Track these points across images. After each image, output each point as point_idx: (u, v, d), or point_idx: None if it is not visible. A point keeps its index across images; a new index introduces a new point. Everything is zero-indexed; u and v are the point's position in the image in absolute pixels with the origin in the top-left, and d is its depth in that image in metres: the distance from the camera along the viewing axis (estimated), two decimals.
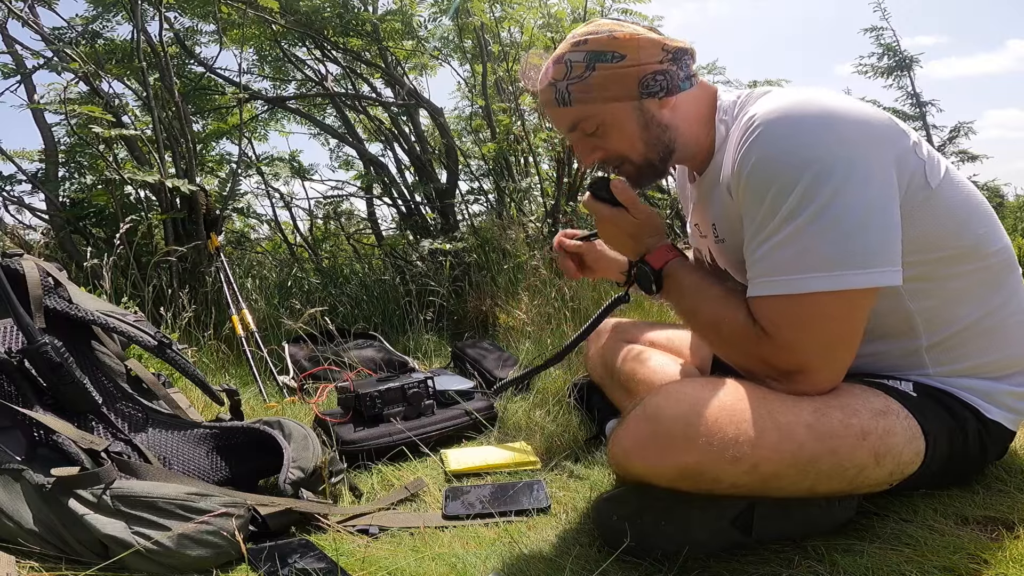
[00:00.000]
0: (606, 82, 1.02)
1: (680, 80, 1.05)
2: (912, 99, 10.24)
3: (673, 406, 0.91)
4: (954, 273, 0.99)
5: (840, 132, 0.89)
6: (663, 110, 1.05)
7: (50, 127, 2.98)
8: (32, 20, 2.81)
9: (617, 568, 0.94)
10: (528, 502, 1.18)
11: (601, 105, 1.04)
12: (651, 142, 1.06)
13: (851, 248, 0.87)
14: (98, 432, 1.22)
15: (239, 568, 1.00)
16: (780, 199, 0.89)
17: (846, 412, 0.93)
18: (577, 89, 1.04)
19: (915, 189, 0.94)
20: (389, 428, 1.55)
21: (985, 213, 1.03)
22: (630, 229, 1.10)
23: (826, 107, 0.91)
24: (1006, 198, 9.63)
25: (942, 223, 0.97)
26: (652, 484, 0.95)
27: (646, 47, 1.02)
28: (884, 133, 0.93)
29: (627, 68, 1.02)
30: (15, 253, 1.31)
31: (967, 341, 1.02)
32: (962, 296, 1.01)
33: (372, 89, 3.99)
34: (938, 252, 0.98)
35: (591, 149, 1.10)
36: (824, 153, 0.88)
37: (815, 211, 0.87)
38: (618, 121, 1.05)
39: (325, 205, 4.74)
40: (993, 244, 1.01)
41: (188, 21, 3.40)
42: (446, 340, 2.81)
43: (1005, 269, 1.03)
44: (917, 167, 0.95)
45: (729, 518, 0.96)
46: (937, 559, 0.88)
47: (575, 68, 1.03)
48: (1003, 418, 1.03)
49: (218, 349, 2.34)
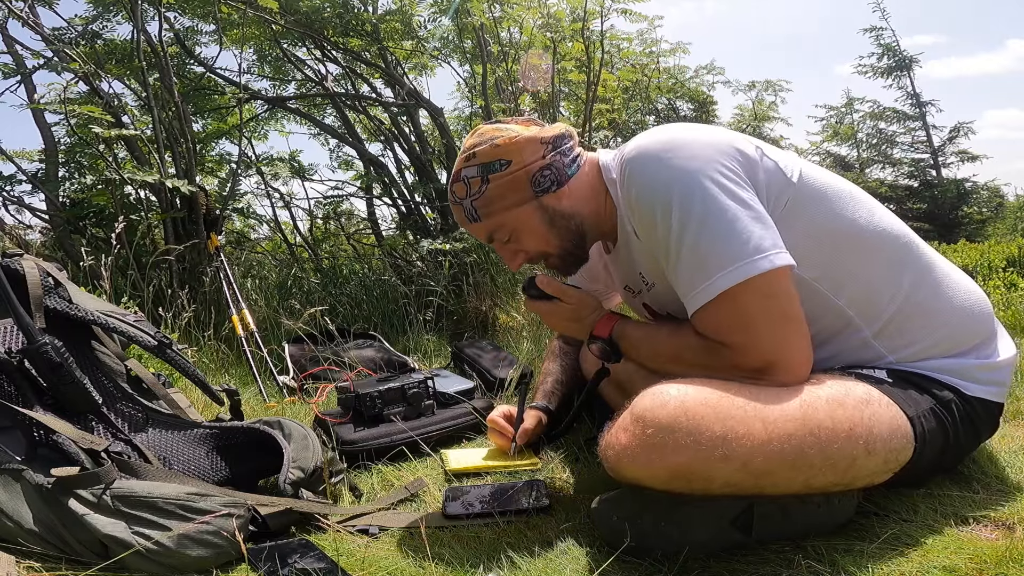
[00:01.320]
0: (502, 191, 1.10)
1: (567, 167, 1.13)
2: (912, 99, 10.24)
3: (659, 408, 0.92)
4: (857, 260, 1.06)
5: (687, 152, 1.00)
6: (562, 201, 1.12)
7: (50, 127, 2.98)
8: (32, 20, 2.81)
9: (617, 568, 0.94)
10: (528, 502, 1.18)
11: (505, 214, 1.12)
12: (562, 234, 1.15)
13: (739, 242, 0.95)
14: (98, 432, 1.22)
15: (239, 568, 1.00)
16: (665, 222, 0.99)
17: (831, 404, 0.95)
18: (480, 204, 1.12)
19: (779, 188, 1.02)
20: (389, 428, 1.55)
21: (857, 199, 1.09)
22: (569, 315, 1.20)
23: (673, 136, 1.03)
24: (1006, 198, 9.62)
25: (819, 212, 1.05)
26: (646, 486, 0.95)
27: (527, 146, 1.10)
28: (727, 147, 1.02)
29: (515, 173, 1.10)
30: (15, 253, 1.31)
31: (905, 323, 1.07)
32: (877, 281, 1.06)
33: (372, 89, 3.99)
34: (827, 242, 1.05)
35: (513, 254, 1.19)
36: (679, 173, 0.98)
37: (697, 222, 0.96)
38: (525, 224, 1.13)
39: (325, 205, 4.74)
40: (881, 225, 1.08)
41: (188, 21, 3.40)
42: (446, 340, 2.81)
43: (905, 247, 1.09)
44: (770, 168, 1.03)
45: (729, 518, 0.96)
46: (937, 559, 0.88)
47: (472, 184, 1.12)
48: (983, 392, 1.06)
49: (218, 349, 2.34)
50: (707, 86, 6.30)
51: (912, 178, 10.11)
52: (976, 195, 9.60)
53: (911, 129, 10.49)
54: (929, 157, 10.16)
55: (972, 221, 9.16)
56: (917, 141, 10.39)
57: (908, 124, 10.52)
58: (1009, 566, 0.85)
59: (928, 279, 1.09)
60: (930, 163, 10.14)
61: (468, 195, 1.12)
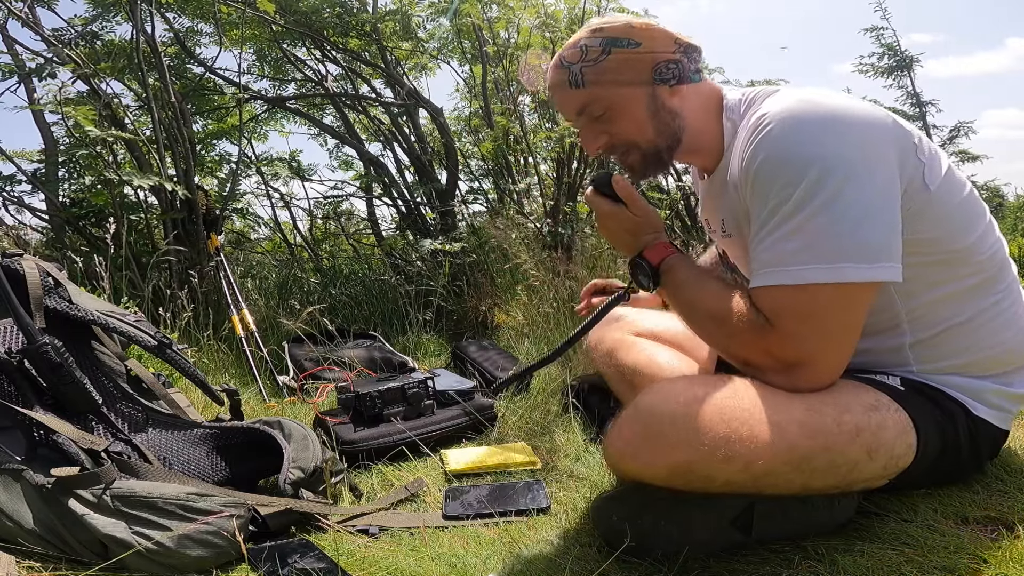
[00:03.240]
0: (620, 66, 1.05)
1: (690, 72, 1.08)
2: (912, 99, 10.25)
3: (663, 405, 0.92)
4: (944, 278, 1.01)
5: (845, 132, 0.91)
6: (673, 98, 1.07)
7: (49, 127, 2.98)
8: (32, 21, 2.81)
9: (617, 568, 0.94)
10: (528, 502, 1.18)
11: (613, 88, 1.06)
12: (660, 128, 1.08)
13: (853, 242, 0.89)
14: (98, 432, 1.22)
15: (239, 568, 1.00)
16: (785, 195, 0.91)
17: (838, 408, 0.93)
18: (591, 71, 1.06)
19: (913, 191, 0.95)
20: (389, 428, 1.55)
21: (980, 216, 1.04)
22: (629, 225, 1.12)
23: (831, 108, 0.93)
24: (1006, 198, 9.64)
25: (937, 228, 0.98)
26: (647, 483, 0.95)
27: (660, 38, 1.06)
28: (887, 134, 0.94)
29: (641, 54, 1.05)
30: (15, 253, 1.31)
31: (950, 341, 1.03)
32: (950, 299, 1.02)
33: (372, 89, 3.99)
34: (931, 256, 0.99)
35: (597, 135, 1.11)
36: (829, 152, 0.89)
37: (818, 206, 0.89)
38: (629, 105, 1.07)
39: (325, 205, 4.74)
40: (985, 251, 1.03)
41: (187, 22, 3.40)
42: (445, 340, 2.81)
43: (995, 275, 1.04)
44: (916, 169, 0.96)
45: (729, 518, 0.96)
46: (937, 559, 0.88)
47: (590, 52, 1.06)
48: (990, 415, 1.04)
49: (218, 349, 2.34)
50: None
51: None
52: None
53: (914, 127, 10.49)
54: None
55: None
56: None
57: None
58: (1009, 566, 0.85)
59: (996, 309, 1.04)
60: None
61: (581, 60, 1.06)
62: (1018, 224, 6.58)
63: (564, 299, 2.60)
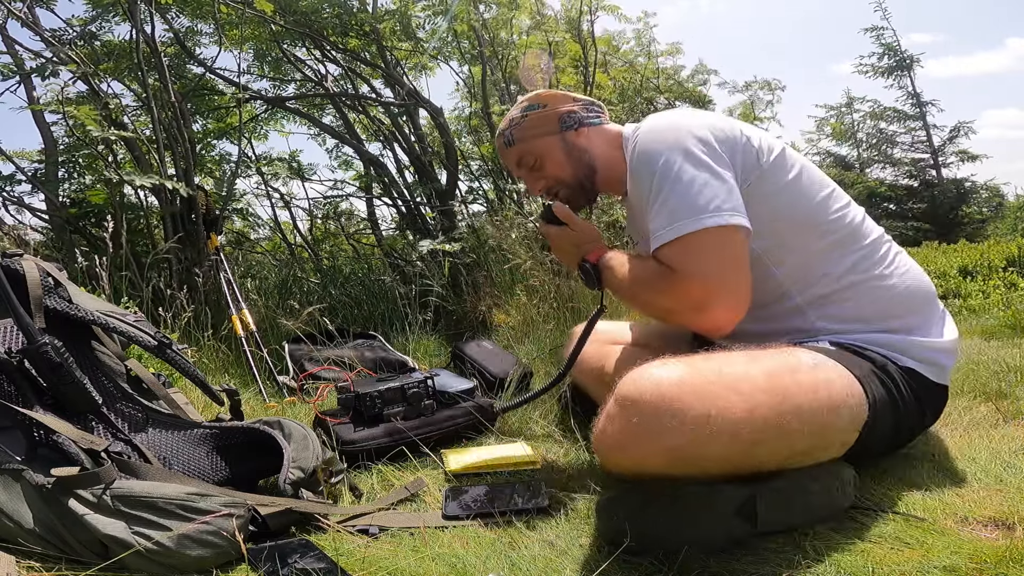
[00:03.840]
0: (534, 123, 1.39)
1: (589, 118, 1.40)
2: (912, 99, 10.24)
3: (639, 395, 0.96)
4: (802, 240, 1.21)
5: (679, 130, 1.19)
6: (580, 138, 1.38)
7: (49, 127, 2.98)
8: (31, 21, 2.81)
9: (617, 568, 0.94)
10: (528, 502, 1.18)
11: (534, 141, 1.39)
12: (576, 164, 1.38)
13: (702, 201, 1.11)
14: (98, 432, 1.22)
15: (239, 568, 1.00)
16: (649, 181, 1.17)
17: (789, 368, 1.03)
18: (516, 132, 1.41)
19: (749, 168, 1.18)
20: (389, 428, 1.55)
21: (820, 185, 1.24)
22: (573, 240, 1.36)
23: (674, 118, 1.23)
24: (1006, 198, 9.62)
25: (775, 198, 1.19)
26: (645, 475, 0.98)
27: (560, 99, 1.41)
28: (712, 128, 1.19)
29: (547, 112, 1.39)
30: (15, 253, 1.31)
31: (838, 297, 1.20)
32: (814, 257, 1.21)
33: (372, 89, 3.99)
34: (776, 223, 1.19)
35: (535, 180, 1.43)
36: (670, 144, 1.17)
37: (670, 184, 1.14)
38: (549, 151, 1.39)
39: (325, 205, 4.74)
40: (831, 214, 1.22)
41: (187, 22, 3.40)
42: (445, 340, 2.81)
43: (851, 234, 1.23)
44: (748, 153, 1.20)
45: (733, 509, 0.97)
46: (937, 559, 0.88)
47: (514, 120, 1.41)
48: (917, 366, 1.16)
49: (218, 349, 2.34)
50: (702, 85, 6.31)
51: (912, 178, 10.12)
52: (976, 195, 9.60)
53: (911, 129, 10.50)
54: (929, 157, 10.17)
55: (972, 221, 9.17)
56: (917, 141, 10.39)
57: (908, 124, 10.53)
58: (1009, 566, 0.85)
59: (868, 262, 1.22)
60: (930, 163, 10.15)
61: (509, 126, 1.42)
62: (1018, 224, 6.58)
63: (564, 299, 2.60)
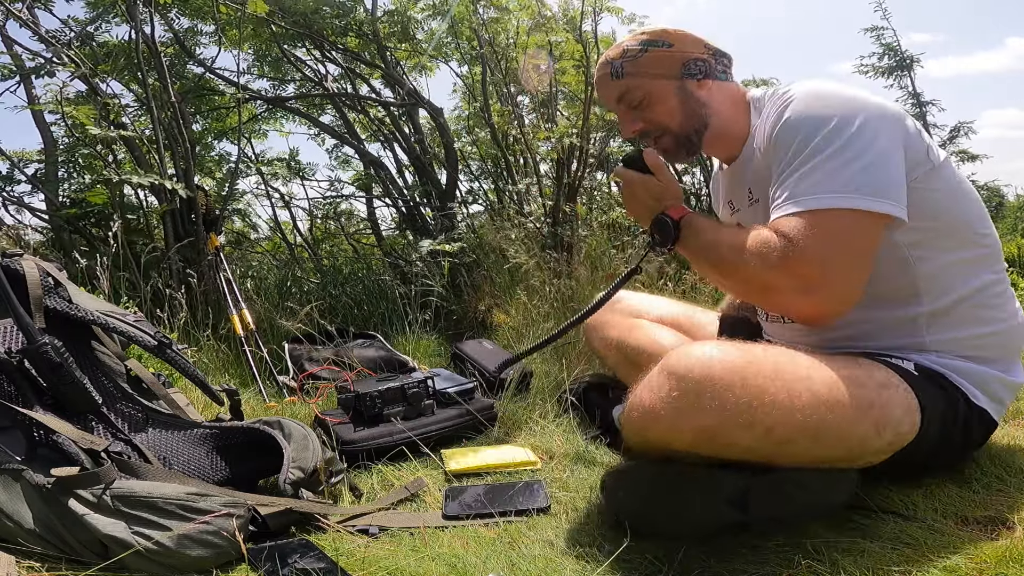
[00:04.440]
0: (654, 62, 1.22)
1: (717, 71, 1.23)
2: (913, 99, 10.23)
3: (686, 370, 0.96)
4: (952, 245, 1.10)
5: (860, 105, 1.04)
6: (701, 90, 1.22)
7: (49, 127, 2.98)
8: (31, 21, 2.81)
9: (617, 568, 0.94)
10: (528, 502, 1.18)
11: (648, 80, 1.22)
12: (689, 115, 1.22)
13: (865, 180, 0.99)
14: (98, 432, 1.22)
15: (239, 568, 1.00)
16: (804, 143, 1.03)
17: (854, 383, 0.99)
18: (629, 65, 1.23)
19: (919, 161, 1.06)
20: (389, 428, 1.55)
21: (976, 200, 1.15)
22: (655, 191, 1.22)
23: (851, 91, 1.07)
24: (1006, 198, 9.62)
25: (941, 196, 1.08)
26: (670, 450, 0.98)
27: (691, 41, 1.23)
28: (896, 115, 1.07)
29: (673, 53, 1.22)
30: (15, 253, 1.31)
31: (960, 313, 1.11)
32: (959, 266, 1.11)
33: (371, 89, 3.99)
34: (940, 223, 1.09)
35: (633, 120, 1.26)
36: (845, 112, 1.03)
37: (834, 150, 1.00)
38: (661, 94, 1.22)
39: (324, 205, 4.74)
40: (984, 227, 1.14)
41: (187, 22, 3.40)
42: (445, 340, 2.81)
43: (995, 253, 1.15)
44: (921, 146, 1.07)
45: (726, 498, 0.98)
46: (937, 559, 0.88)
47: (630, 51, 1.23)
48: (989, 406, 1.10)
49: (218, 349, 2.34)
50: None
51: None
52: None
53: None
54: None
55: None
56: None
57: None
58: (1009, 566, 0.85)
59: (998, 287, 1.14)
60: None
61: (622, 57, 1.23)
62: (1018, 224, 6.58)
63: (564, 299, 2.60)
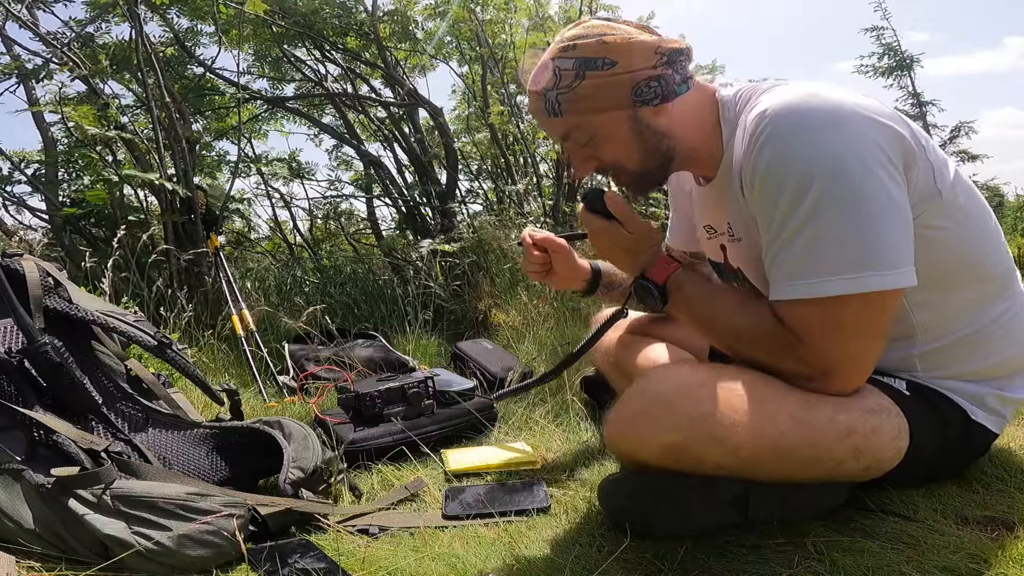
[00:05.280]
0: (597, 92, 0.97)
1: (676, 84, 1.00)
2: (913, 99, 10.21)
3: (661, 386, 0.95)
4: (956, 286, 1.00)
5: (850, 129, 0.87)
6: (659, 118, 1.00)
7: (49, 127, 2.98)
8: (31, 22, 2.81)
9: (617, 568, 0.94)
10: (528, 502, 1.18)
11: (592, 116, 1.00)
12: (648, 151, 1.02)
13: (871, 249, 0.86)
14: (98, 432, 1.22)
15: (239, 568, 1.00)
16: (796, 201, 0.87)
17: (836, 408, 0.94)
18: (566, 100, 0.99)
19: (924, 195, 0.92)
20: (389, 428, 1.55)
21: (989, 221, 1.03)
22: (626, 244, 1.09)
23: (835, 103, 0.89)
24: (1006, 197, 9.60)
25: (948, 236, 0.96)
26: (643, 463, 0.98)
27: (639, 52, 0.96)
28: (892, 132, 0.90)
29: (618, 76, 0.97)
30: (15, 253, 1.31)
31: (957, 351, 1.03)
32: (962, 310, 1.01)
33: (371, 89, 3.99)
34: (941, 268, 0.97)
35: (585, 159, 1.07)
36: (837, 153, 0.86)
37: (833, 214, 0.86)
38: (612, 131, 1.01)
39: (324, 205, 4.75)
40: (995, 264, 1.02)
41: (187, 22, 3.40)
42: (445, 340, 2.81)
43: (1005, 281, 1.04)
44: (926, 171, 0.93)
45: (727, 500, 0.98)
46: (937, 559, 0.88)
47: (564, 77, 0.98)
48: (987, 421, 1.05)
49: (218, 349, 2.34)
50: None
51: None
52: None
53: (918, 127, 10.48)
54: None
55: None
56: None
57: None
58: (1009, 566, 0.85)
59: (1004, 318, 1.02)
60: None
61: (555, 87, 0.99)
62: (1018, 224, 6.57)
63: (564, 299, 2.60)
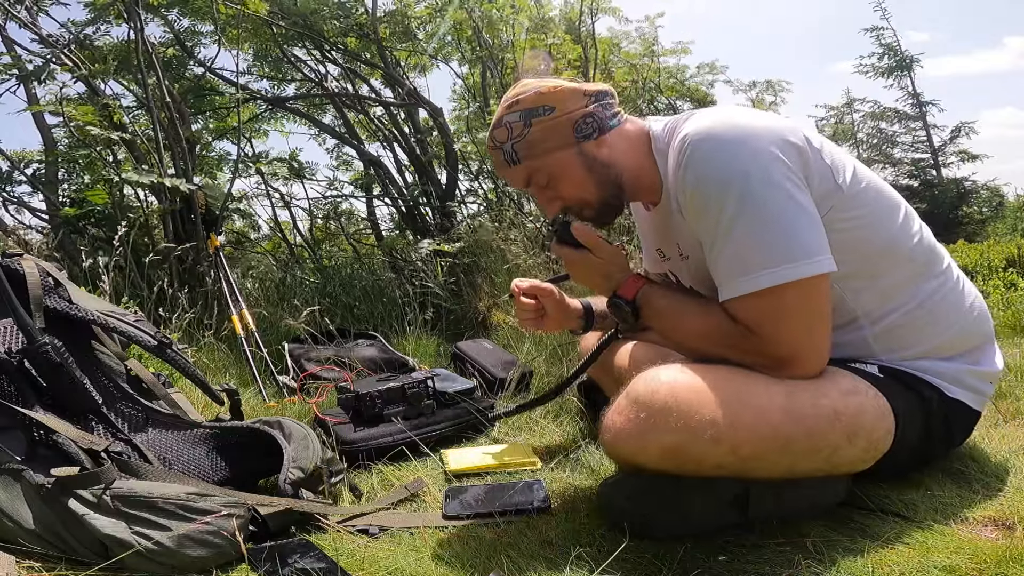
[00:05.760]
0: (544, 135, 1.12)
1: (607, 119, 1.14)
2: (913, 99, 10.21)
3: (652, 393, 0.97)
4: (881, 269, 1.08)
5: (756, 145, 1.00)
6: (601, 149, 1.14)
7: (49, 128, 2.98)
8: (31, 22, 2.81)
9: (617, 568, 0.94)
10: (528, 502, 1.18)
11: (545, 157, 1.13)
12: (600, 182, 1.15)
13: (789, 244, 0.97)
14: (98, 432, 1.22)
15: (239, 568, 1.00)
16: (720, 211, 1.00)
17: (815, 394, 0.99)
18: (521, 147, 1.14)
19: (827, 192, 1.03)
20: (389, 428, 1.55)
21: (896, 207, 1.11)
22: (597, 269, 1.18)
23: (742, 125, 1.03)
24: (1006, 198, 9.58)
25: (858, 225, 1.06)
26: (641, 467, 1.00)
27: (570, 96, 1.12)
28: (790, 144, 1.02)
29: (558, 118, 1.12)
30: (15, 253, 1.31)
31: (909, 328, 1.09)
32: (894, 288, 1.09)
33: (371, 89, 3.99)
34: (863, 250, 1.06)
35: (550, 200, 1.19)
36: (747, 167, 0.99)
37: (750, 219, 0.98)
38: (565, 169, 1.14)
39: (325, 205, 4.75)
40: (911, 238, 1.10)
41: (187, 22, 3.40)
42: (445, 340, 2.81)
43: (929, 260, 1.11)
44: (824, 172, 1.04)
45: (727, 500, 1.00)
46: (937, 559, 0.88)
47: (515, 128, 1.13)
48: (964, 397, 1.10)
49: (218, 349, 2.34)
50: (706, 85, 6.31)
51: (912, 178, 10.10)
52: (976, 195, 9.58)
53: (912, 129, 10.47)
54: (929, 157, 10.15)
55: (972, 221, 9.15)
56: (918, 141, 10.37)
57: (909, 124, 10.50)
58: (1009, 566, 0.85)
59: (941, 292, 1.11)
60: (930, 163, 10.13)
61: (509, 139, 1.14)
62: (1018, 224, 6.58)
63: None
